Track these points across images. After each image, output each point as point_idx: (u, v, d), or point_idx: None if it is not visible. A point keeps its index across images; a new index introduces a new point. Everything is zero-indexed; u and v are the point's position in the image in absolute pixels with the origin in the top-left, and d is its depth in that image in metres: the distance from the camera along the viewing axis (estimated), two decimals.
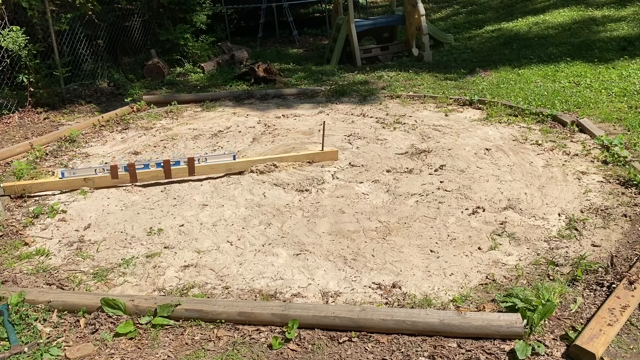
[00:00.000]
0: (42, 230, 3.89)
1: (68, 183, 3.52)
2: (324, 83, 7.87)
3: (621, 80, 6.62)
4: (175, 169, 3.98)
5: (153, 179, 4.01)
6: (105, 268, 3.36)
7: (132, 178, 3.80)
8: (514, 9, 12.80)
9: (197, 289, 3.12)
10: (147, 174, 3.95)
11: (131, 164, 3.76)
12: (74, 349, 2.60)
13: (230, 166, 4.18)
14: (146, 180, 3.96)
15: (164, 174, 4.01)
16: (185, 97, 7.28)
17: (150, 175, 3.98)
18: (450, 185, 4.28)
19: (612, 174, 4.25)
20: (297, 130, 5.83)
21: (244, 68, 8.64)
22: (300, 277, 3.19)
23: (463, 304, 2.86)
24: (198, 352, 2.58)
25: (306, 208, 4.04)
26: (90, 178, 3.56)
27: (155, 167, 3.90)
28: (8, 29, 6.52)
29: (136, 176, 3.85)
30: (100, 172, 3.59)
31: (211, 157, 4.09)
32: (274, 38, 12.26)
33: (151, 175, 3.98)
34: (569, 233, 3.50)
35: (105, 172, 3.64)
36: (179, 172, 4.00)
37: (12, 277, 3.27)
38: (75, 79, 7.88)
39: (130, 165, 3.74)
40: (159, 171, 3.95)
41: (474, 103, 6.34)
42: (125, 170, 3.73)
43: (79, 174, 3.53)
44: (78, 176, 3.52)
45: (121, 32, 8.91)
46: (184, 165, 4.00)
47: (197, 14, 9.57)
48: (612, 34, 9.01)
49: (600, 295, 2.85)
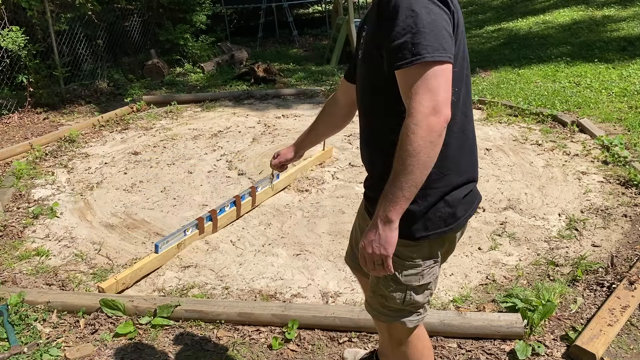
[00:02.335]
0: (42, 230, 3.88)
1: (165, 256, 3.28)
2: (324, 83, 7.87)
3: (621, 81, 6.62)
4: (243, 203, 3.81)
5: (229, 221, 3.79)
6: (105, 268, 3.36)
7: (214, 227, 3.61)
8: (514, 9, 12.80)
9: (197, 289, 3.11)
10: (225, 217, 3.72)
11: (213, 211, 3.58)
12: (74, 349, 2.60)
13: (276, 186, 4.19)
14: (224, 225, 3.68)
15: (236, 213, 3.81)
16: (185, 97, 7.28)
17: (227, 218, 3.75)
18: None
19: (612, 174, 4.25)
20: (297, 130, 5.82)
21: (244, 68, 8.64)
22: (300, 278, 3.19)
23: (463, 304, 2.86)
24: (198, 353, 2.57)
25: (306, 208, 4.04)
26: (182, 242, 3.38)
27: (229, 207, 3.73)
28: (8, 29, 6.52)
29: (217, 223, 3.63)
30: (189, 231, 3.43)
31: (260, 183, 4.03)
32: (273, 38, 12.25)
33: (227, 218, 3.76)
34: (569, 233, 3.50)
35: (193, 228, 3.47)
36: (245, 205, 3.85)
37: (11, 278, 3.26)
38: (75, 79, 7.88)
39: (212, 212, 3.57)
40: (233, 210, 3.76)
41: (474, 103, 6.34)
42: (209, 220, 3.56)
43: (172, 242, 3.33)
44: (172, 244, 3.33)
45: (121, 32, 8.91)
46: (249, 197, 3.90)
47: (197, 14, 9.57)
48: (613, 34, 9.01)
49: (600, 295, 2.84)
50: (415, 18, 1.37)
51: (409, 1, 1.39)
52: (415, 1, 1.39)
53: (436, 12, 1.40)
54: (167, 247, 3.31)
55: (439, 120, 1.36)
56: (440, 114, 1.36)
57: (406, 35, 1.38)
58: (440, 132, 1.37)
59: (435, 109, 1.36)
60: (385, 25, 1.44)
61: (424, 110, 1.35)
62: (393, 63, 1.42)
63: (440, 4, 1.41)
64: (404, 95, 1.42)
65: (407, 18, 1.38)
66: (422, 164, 1.38)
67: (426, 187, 1.50)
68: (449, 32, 1.41)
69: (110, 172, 4.91)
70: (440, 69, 1.37)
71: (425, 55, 1.36)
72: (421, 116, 1.36)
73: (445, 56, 1.37)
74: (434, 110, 1.35)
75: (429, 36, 1.36)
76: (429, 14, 1.38)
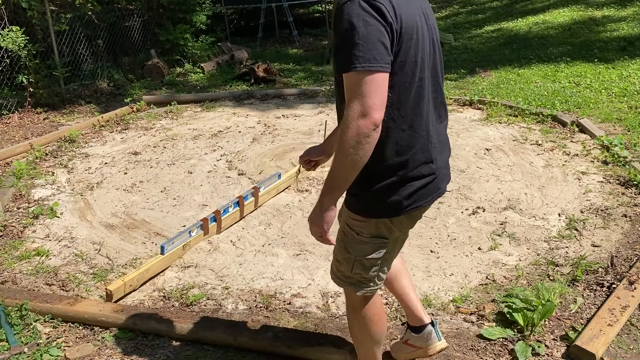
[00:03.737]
0: (42, 230, 3.88)
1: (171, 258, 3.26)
2: (324, 83, 7.87)
3: (621, 81, 6.62)
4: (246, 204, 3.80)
5: (232, 221, 3.80)
6: (105, 268, 3.36)
7: (218, 228, 3.62)
8: (514, 9, 12.80)
9: (197, 289, 3.11)
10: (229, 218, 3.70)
11: (217, 212, 3.59)
12: (74, 349, 2.60)
13: (279, 186, 4.18)
14: (227, 226, 3.68)
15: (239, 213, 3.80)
16: (185, 97, 7.28)
17: (230, 219, 3.73)
18: (450, 185, 4.27)
19: (612, 174, 4.25)
20: (297, 130, 5.82)
21: (244, 68, 8.64)
22: (300, 278, 3.19)
23: (463, 304, 2.86)
24: (198, 353, 2.57)
25: (306, 208, 4.04)
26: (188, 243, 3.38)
27: (232, 207, 3.72)
28: (8, 29, 6.52)
29: (221, 224, 3.63)
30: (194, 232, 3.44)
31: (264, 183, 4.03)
32: (273, 38, 12.25)
33: (231, 218, 3.75)
34: (569, 233, 3.50)
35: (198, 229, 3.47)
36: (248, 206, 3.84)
37: (11, 278, 3.26)
38: (75, 79, 7.88)
39: (216, 212, 3.57)
40: (237, 211, 3.76)
41: (474, 103, 6.34)
42: (213, 221, 3.56)
43: (177, 243, 3.34)
44: (177, 245, 3.34)
45: (121, 32, 8.91)
46: (252, 198, 3.90)
47: (197, 14, 9.56)
48: (612, 34, 9.02)
49: (600, 295, 2.84)
50: (352, 31, 1.53)
51: (349, 14, 1.54)
52: (354, 15, 1.54)
53: (372, 24, 1.54)
54: (173, 248, 3.30)
55: (366, 123, 1.53)
56: (367, 117, 1.53)
57: (345, 47, 1.55)
58: (367, 134, 1.54)
59: (363, 113, 1.52)
60: (334, 34, 1.63)
61: (353, 113, 1.53)
62: (336, 69, 1.64)
63: (377, 17, 1.54)
64: (345, 98, 1.59)
65: (347, 31, 1.54)
66: (350, 160, 1.57)
67: (379, 175, 1.73)
68: (384, 44, 1.55)
69: (110, 172, 4.91)
70: (370, 77, 1.52)
71: (356, 65, 1.52)
72: (350, 119, 1.54)
73: (376, 66, 1.53)
74: (361, 113, 1.52)
75: (363, 47, 1.52)
76: (365, 27, 1.53)
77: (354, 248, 1.86)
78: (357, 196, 1.79)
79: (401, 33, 1.61)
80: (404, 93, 1.68)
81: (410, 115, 1.71)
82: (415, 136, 1.74)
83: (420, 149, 1.76)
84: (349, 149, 1.55)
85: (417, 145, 1.75)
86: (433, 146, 1.80)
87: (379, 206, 1.78)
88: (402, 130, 1.71)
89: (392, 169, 1.73)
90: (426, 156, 1.78)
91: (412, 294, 2.26)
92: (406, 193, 1.76)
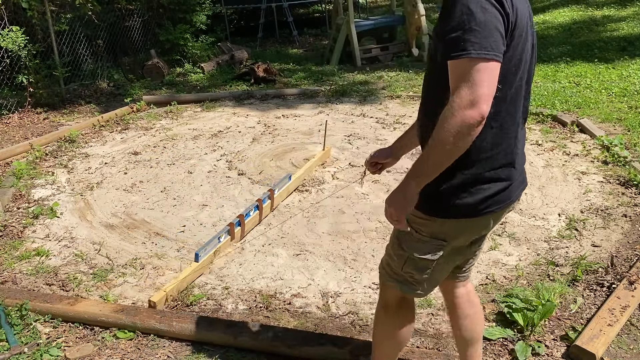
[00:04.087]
0: (42, 230, 3.88)
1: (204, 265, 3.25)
2: (324, 83, 7.87)
3: (621, 80, 6.62)
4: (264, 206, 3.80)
5: (253, 225, 3.72)
6: (105, 268, 3.36)
7: (242, 232, 3.63)
8: None
9: (197, 289, 3.11)
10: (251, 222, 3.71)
11: (240, 216, 3.58)
12: (74, 349, 2.60)
13: (289, 187, 4.18)
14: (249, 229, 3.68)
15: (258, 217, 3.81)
16: (185, 97, 7.27)
17: (252, 223, 3.69)
18: None
19: (612, 174, 4.25)
20: (297, 130, 5.82)
21: (244, 68, 8.63)
22: (300, 278, 3.19)
23: None
24: (198, 353, 2.57)
25: (306, 208, 4.04)
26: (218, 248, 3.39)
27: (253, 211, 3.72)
28: (8, 29, 6.52)
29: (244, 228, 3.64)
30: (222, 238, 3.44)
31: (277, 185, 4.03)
32: (273, 38, 12.24)
33: (252, 222, 3.76)
34: (569, 233, 3.50)
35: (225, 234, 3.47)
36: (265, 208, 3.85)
37: (11, 278, 3.26)
38: (75, 79, 7.88)
39: (240, 217, 3.57)
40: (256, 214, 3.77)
41: None
42: (238, 226, 3.57)
43: (209, 250, 3.33)
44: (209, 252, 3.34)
45: (121, 32, 8.91)
46: (269, 201, 3.90)
47: (197, 14, 9.56)
48: (613, 34, 9.01)
49: (600, 295, 2.85)
50: (469, 16, 1.47)
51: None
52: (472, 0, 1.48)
53: (490, 11, 1.48)
54: (206, 255, 3.28)
55: (473, 113, 1.44)
56: (476, 107, 1.44)
57: (459, 31, 1.48)
58: (473, 125, 1.45)
59: (473, 102, 1.44)
60: (443, 18, 1.55)
61: (462, 102, 1.45)
62: (444, 54, 1.53)
63: (496, 4, 1.49)
64: (450, 85, 1.52)
65: (462, 15, 1.48)
66: (448, 150, 1.49)
67: (454, 171, 1.62)
68: (500, 32, 1.49)
69: (110, 172, 4.91)
70: (484, 65, 1.45)
71: (471, 52, 1.45)
72: (457, 107, 1.45)
73: (492, 54, 1.46)
74: (470, 103, 1.44)
75: (480, 34, 1.46)
76: (483, 13, 1.47)
77: (410, 246, 1.78)
78: (425, 192, 1.65)
79: (515, 27, 1.55)
80: (504, 89, 1.60)
81: (503, 113, 1.63)
82: (502, 136, 1.65)
83: (504, 150, 1.67)
84: (448, 138, 1.47)
85: (502, 145, 1.66)
86: (517, 150, 1.72)
87: (448, 206, 1.67)
88: (490, 127, 1.61)
89: (470, 166, 1.64)
90: (508, 159, 1.69)
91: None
92: (481, 195, 1.66)
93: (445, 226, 1.72)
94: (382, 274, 1.94)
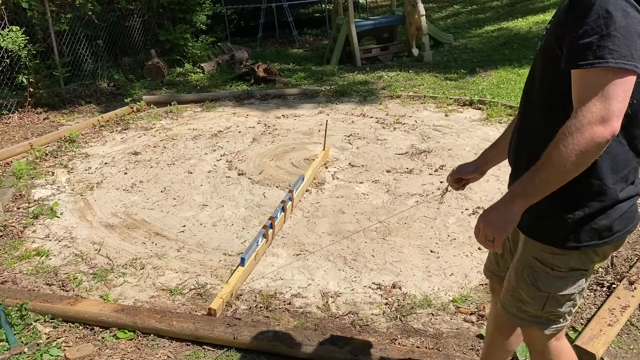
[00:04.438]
0: (42, 230, 3.89)
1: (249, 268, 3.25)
2: (324, 83, 7.87)
3: None
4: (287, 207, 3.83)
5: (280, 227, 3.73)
6: (105, 268, 3.36)
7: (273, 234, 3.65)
8: (514, 9, 12.80)
9: (197, 289, 3.11)
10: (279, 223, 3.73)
11: (271, 218, 3.60)
12: (74, 349, 2.60)
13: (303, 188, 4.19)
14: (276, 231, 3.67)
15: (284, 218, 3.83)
16: (185, 97, 7.28)
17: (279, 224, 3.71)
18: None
19: None
20: (297, 130, 5.82)
21: (244, 68, 8.64)
22: (300, 278, 3.19)
23: (463, 304, 2.86)
24: (198, 353, 2.57)
25: (306, 208, 4.04)
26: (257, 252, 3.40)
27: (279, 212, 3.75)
28: (8, 29, 6.52)
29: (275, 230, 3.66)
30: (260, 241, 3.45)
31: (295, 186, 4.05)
32: (274, 38, 12.25)
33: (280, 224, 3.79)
34: None
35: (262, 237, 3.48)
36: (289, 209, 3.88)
37: (11, 278, 3.26)
38: (75, 79, 7.88)
39: (271, 219, 3.59)
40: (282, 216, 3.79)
41: (474, 103, 6.34)
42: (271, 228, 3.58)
43: (250, 253, 3.34)
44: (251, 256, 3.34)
45: (121, 32, 8.91)
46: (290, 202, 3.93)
47: (197, 14, 9.56)
48: None
49: (600, 295, 2.84)
50: (608, 19, 1.30)
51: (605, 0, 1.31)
52: (611, 2, 1.31)
53: (633, 15, 1.31)
54: (249, 259, 3.26)
55: (604, 131, 1.29)
56: (608, 124, 1.29)
57: (594, 36, 1.31)
58: (601, 144, 1.31)
59: (604, 119, 1.29)
60: (573, 20, 1.36)
61: (592, 117, 1.29)
62: (572, 61, 1.35)
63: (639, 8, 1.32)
64: (575, 96, 1.36)
65: (599, 18, 1.31)
66: (568, 169, 1.34)
67: (586, 197, 1.48)
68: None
69: (110, 172, 4.91)
70: (622, 77, 1.29)
71: (609, 60, 1.29)
72: (586, 122, 1.30)
73: (632, 65, 1.29)
74: (602, 119, 1.29)
75: (619, 41, 1.29)
76: (624, 17, 1.30)
77: (547, 285, 1.59)
78: (551, 221, 1.50)
79: None
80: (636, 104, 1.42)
81: (631, 129, 1.47)
82: (630, 153, 1.51)
83: (634, 169, 1.52)
84: (571, 155, 1.31)
85: (632, 163, 1.52)
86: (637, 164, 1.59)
87: (584, 233, 1.51)
88: (620, 143, 1.46)
89: (603, 187, 1.48)
90: (635, 176, 1.54)
91: None
92: (616, 216, 1.51)
93: (585, 256, 1.56)
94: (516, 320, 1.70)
